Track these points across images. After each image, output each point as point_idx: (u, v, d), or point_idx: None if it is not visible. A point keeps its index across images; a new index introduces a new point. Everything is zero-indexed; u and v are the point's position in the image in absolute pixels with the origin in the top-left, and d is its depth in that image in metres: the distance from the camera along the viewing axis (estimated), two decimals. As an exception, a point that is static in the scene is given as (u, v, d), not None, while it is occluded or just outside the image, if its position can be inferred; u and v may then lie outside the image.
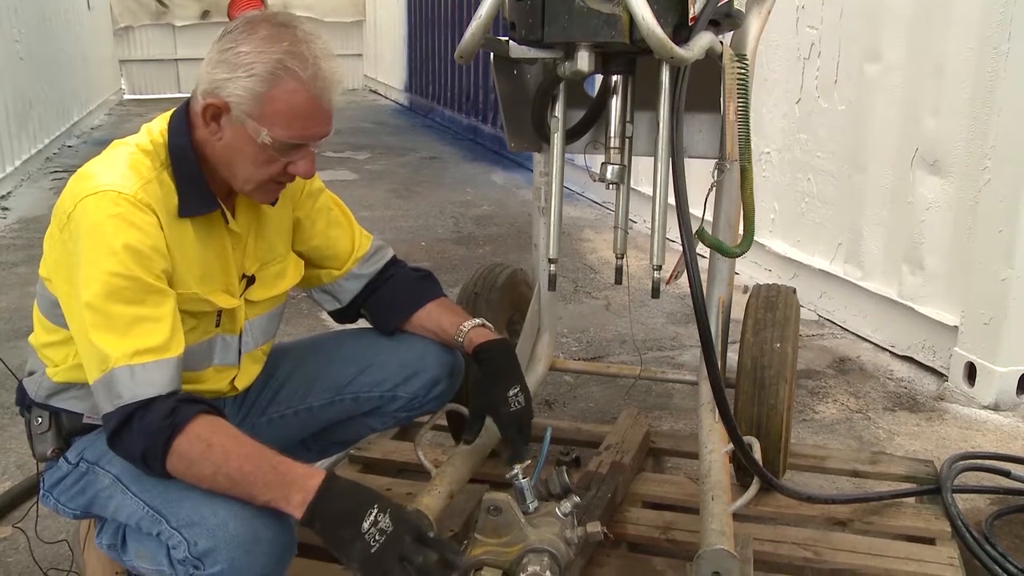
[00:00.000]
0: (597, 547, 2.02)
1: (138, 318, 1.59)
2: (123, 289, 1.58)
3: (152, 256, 1.63)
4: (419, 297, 2.11)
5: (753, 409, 2.25)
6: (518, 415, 1.95)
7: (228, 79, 1.64)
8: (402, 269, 2.16)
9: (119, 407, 1.56)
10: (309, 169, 1.74)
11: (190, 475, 1.57)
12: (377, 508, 1.54)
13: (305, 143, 1.70)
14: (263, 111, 1.64)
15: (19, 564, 2.29)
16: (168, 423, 1.55)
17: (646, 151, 2.16)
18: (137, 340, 1.58)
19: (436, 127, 11.09)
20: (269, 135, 1.65)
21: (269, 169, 1.71)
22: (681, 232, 1.77)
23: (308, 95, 1.65)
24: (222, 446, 1.56)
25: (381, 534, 1.52)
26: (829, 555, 2.10)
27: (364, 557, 1.52)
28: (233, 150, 1.69)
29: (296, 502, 1.54)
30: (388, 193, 7.25)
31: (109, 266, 1.58)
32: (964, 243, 3.43)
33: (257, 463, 1.56)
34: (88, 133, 10.24)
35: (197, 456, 1.55)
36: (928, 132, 3.57)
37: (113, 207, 1.60)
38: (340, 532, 1.53)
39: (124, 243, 1.59)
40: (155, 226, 1.64)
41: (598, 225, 6.14)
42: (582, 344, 3.99)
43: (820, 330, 4.17)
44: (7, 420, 3.13)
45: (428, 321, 2.09)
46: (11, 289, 4.68)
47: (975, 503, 2.57)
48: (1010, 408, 3.29)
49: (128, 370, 1.56)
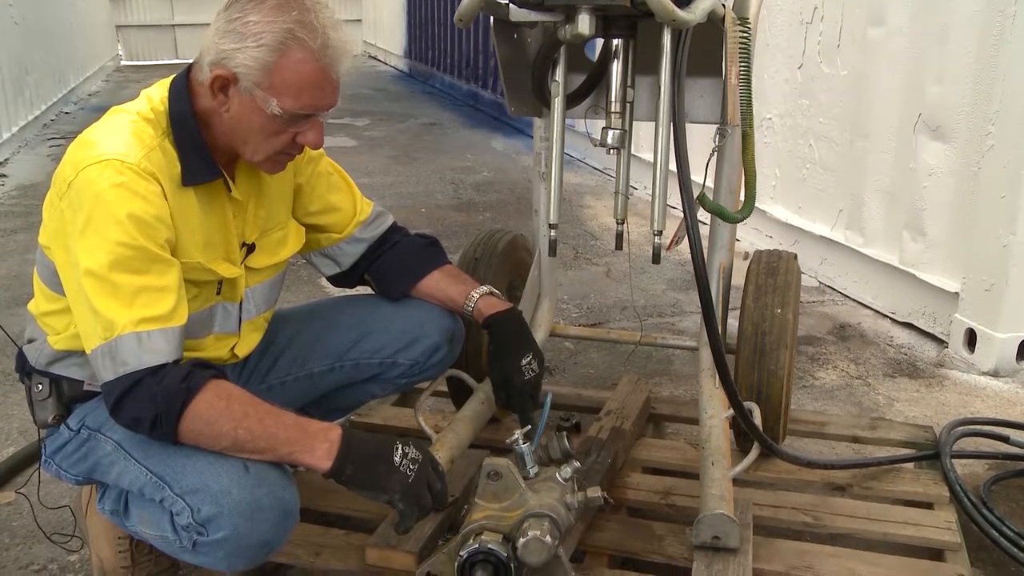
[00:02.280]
0: (597, 512, 2.03)
1: (143, 287, 1.59)
2: (128, 259, 1.58)
3: (156, 226, 1.62)
4: (426, 264, 2.11)
5: (753, 375, 2.25)
6: (531, 383, 2.01)
7: (236, 49, 1.62)
8: (407, 235, 2.16)
9: (124, 374, 1.56)
10: (318, 139, 1.73)
11: (208, 434, 1.58)
12: (400, 443, 1.67)
13: (314, 113, 1.69)
14: (272, 81, 1.62)
15: (23, 529, 2.31)
16: (185, 386, 1.56)
17: (647, 116, 2.15)
18: (142, 309, 1.58)
19: (436, 93, 11.03)
20: (278, 105, 1.63)
21: (278, 140, 1.70)
22: (682, 197, 1.76)
23: (317, 65, 1.63)
24: (240, 404, 1.60)
25: (413, 463, 1.66)
26: (828, 520, 2.11)
27: (404, 486, 1.64)
28: (241, 121, 1.68)
29: (321, 453, 1.60)
30: (388, 160, 7.22)
31: (114, 235, 1.57)
32: (966, 209, 3.42)
33: (276, 419, 1.62)
34: (85, 99, 10.18)
35: (216, 415, 1.57)
36: (931, 97, 3.54)
37: (117, 176, 1.59)
38: (376, 469, 1.63)
39: (129, 212, 1.58)
40: (159, 195, 1.63)
41: (599, 191, 6.12)
42: (582, 310, 3.99)
43: (821, 296, 4.17)
44: (8, 386, 3.14)
45: (435, 290, 2.10)
46: (10, 256, 4.67)
47: (973, 468, 2.59)
48: (1010, 374, 3.30)
49: (135, 337, 1.56)
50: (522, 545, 1.65)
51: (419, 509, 1.67)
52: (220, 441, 1.59)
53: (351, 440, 1.63)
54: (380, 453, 1.65)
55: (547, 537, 1.64)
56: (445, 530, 1.96)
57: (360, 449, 1.63)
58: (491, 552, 1.64)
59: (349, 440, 1.62)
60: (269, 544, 1.63)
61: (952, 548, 2.02)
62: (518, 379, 1.99)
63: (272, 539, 1.63)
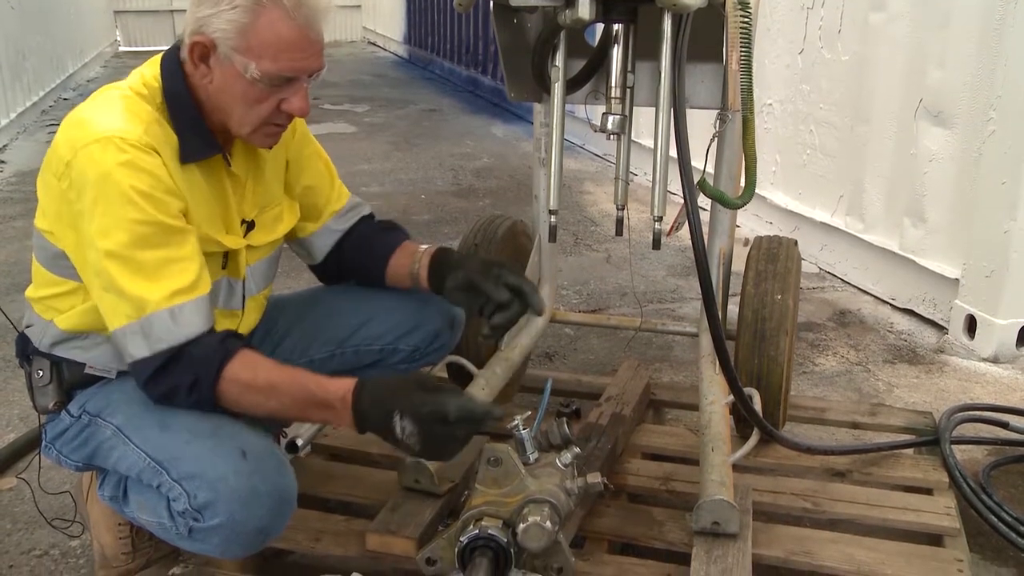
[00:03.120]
0: (597, 498, 2.03)
1: (166, 260, 1.60)
2: (148, 235, 1.58)
3: (168, 199, 1.61)
4: (384, 249, 2.06)
5: (753, 361, 2.25)
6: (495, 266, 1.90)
7: (212, 14, 1.60)
8: (366, 225, 2.10)
9: (160, 351, 1.58)
10: (303, 106, 1.70)
11: (239, 392, 1.62)
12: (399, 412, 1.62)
13: (296, 76, 1.66)
14: (249, 44, 1.60)
15: (25, 514, 2.31)
16: (223, 347, 1.61)
17: (647, 101, 2.14)
18: (169, 282, 1.59)
19: (435, 79, 10.99)
20: (257, 69, 1.61)
21: (261, 108, 1.67)
22: (682, 183, 1.75)
23: (293, 24, 1.61)
24: (266, 372, 1.64)
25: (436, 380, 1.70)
26: (828, 505, 2.11)
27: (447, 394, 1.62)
28: (224, 91, 1.66)
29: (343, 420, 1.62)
30: (387, 146, 7.20)
31: (130, 214, 1.56)
32: (967, 195, 3.41)
33: (305, 376, 1.66)
34: (84, 85, 10.15)
35: (250, 376, 1.62)
36: (933, 83, 3.53)
37: (120, 154, 1.57)
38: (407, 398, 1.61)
39: (139, 190, 1.57)
40: (163, 167, 1.62)
41: (599, 178, 6.11)
42: (582, 296, 3.99)
43: (821, 283, 4.16)
44: (9, 373, 3.14)
45: (396, 271, 2.05)
46: (9, 243, 4.67)
47: (973, 454, 2.59)
48: (1009, 360, 3.30)
49: (168, 313, 1.58)
50: (522, 531, 1.65)
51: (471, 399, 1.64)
52: (254, 409, 1.64)
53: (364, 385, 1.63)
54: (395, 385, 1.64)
55: (547, 523, 1.65)
56: (445, 516, 1.96)
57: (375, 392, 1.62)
58: (491, 538, 1.64)
59: (362, 385, 1.62)
60: (265, 531, 1.63)
61: (951, 534, 2.03)
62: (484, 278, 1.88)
63: (268, 526, 1.63)
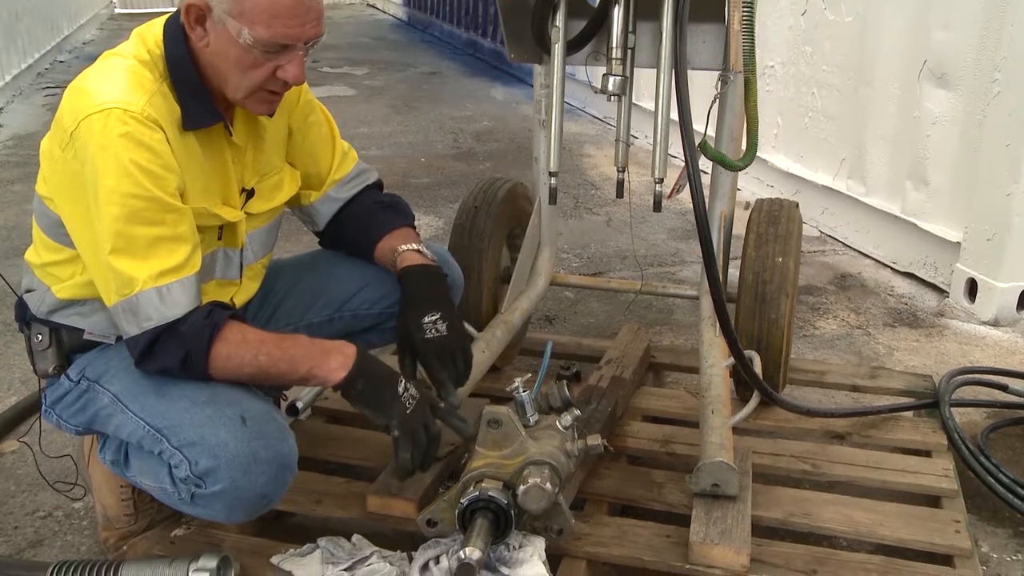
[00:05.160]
0: (597, 460, 2.04)
1: (158, 238, 1.59)
2: (142, 210, 1.56)
3: (166, 175, 1.60)
4: (377, 231, 2.03)
5: (754, 324, 2.25)
6: (436, 344, 1.85)
7: None
8: (366, 199, 2.07)
9: (148, 329, 1.59)
10: (298, 74, 1.67)
11: (232, 364, 1.63)
12: (404, 378, 1.75)
13: (290, 43, 1.62)
14: (242, 8, 1.57)
15: (28, 476, 2.32)
16: (209, 322, 1.61)
17: (648, 62, 2.11)
18: (159, 261, 1.58)
19: (435, 42, 10.90)
20: (250, 35, 1.58)
21: (256, 74, 1.64)
22: (683, 145, 1.74)
23: None
24: (257, 334, 1.67)
25: (412, 399, 1.73)
26: (827, 467, 2.12)
27: (402, 417, 1.71)
28: (219, 55, 1.64)
29: (336, 364, 1.67)
30: (387, 109, 7.16)
31: (126, 188, 1.55)
32: (970, 158, 3.39)
33: (292, 341, 1.69)
34: (80, 48, 10.07)
35: (237, 346, 1.63)
36: (937, 44, 3.49)
37: (121, 126, 1.56)
38: (382, 392, 1.71)
39: (138, 164, 1.56)
40: (164, 142, 1.61)
41: (599, 141, 6.07)
42: (583, 260, 3.98)
43: (822, 246, 4.15)
44: (9, 336, 3.14)
45: (381, 257, 2.03)
46: (7, 207, 4.65)
47: (972, 417, 2.60)
48: (1010, 324, 3.30)
49: (155, 293, 1.58)
50: (522, 492, 1.66)
51: (415, 445, 1.71)
52: (245, 369, 1.64)
53: (366, 358, 1.70)
54: (388, 379, 1.72)
55: (547, 484, 1.65)
56: (445, 478, 1.97)
57: (372, 368, 1.71)
58: (491, 499, 1.65)
59: (364, 357, 1.69)
60: (267, 497, 1.64)
61: (949, 495, 2.04)
62: (418, 336, 1.85)
63: (270, 492, 1.64)
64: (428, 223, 4.39)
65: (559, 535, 1.74)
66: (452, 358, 1.88)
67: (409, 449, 1.71)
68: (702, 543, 1.73)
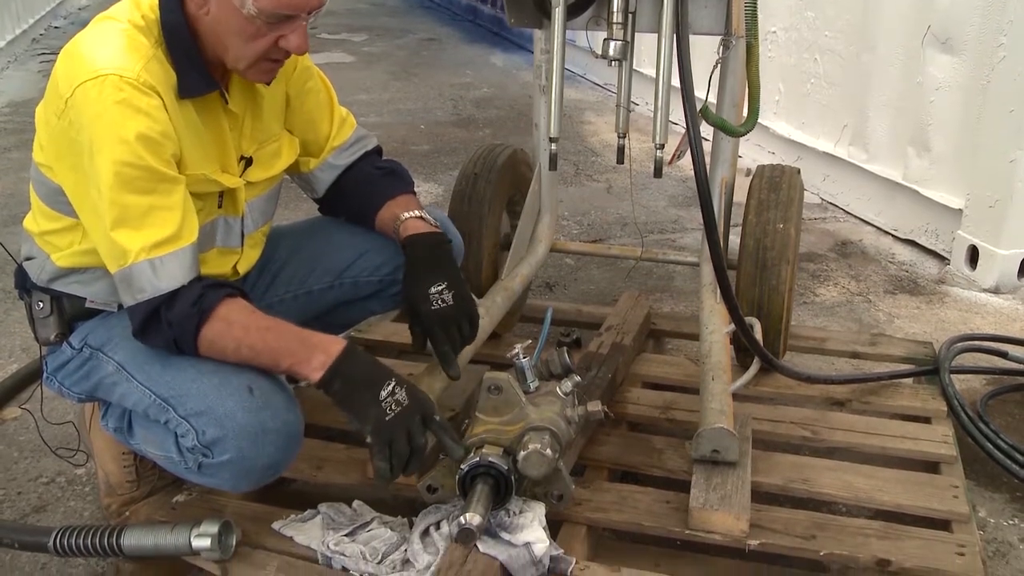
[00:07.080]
0: (597, 426, 2.04)
1: (151, 207, 1.57)
2: (135, 179, 1.55)
3: (162, 142, 1.58)
4: (377, 199, 2.01)
5: (754, 290, 2.24)
6: (440, 314, 1.85)
7: None
8: (366, 165, 2.05)
9: (143, 301, 1.58)
10: (301, 44, 1.65)
11: (215, 352, 1.62)
12: (395, 381, 1.64)
13: (294, 14, 1.60)
14: None
15: (30, 443, 2.33)
16: (196, 309, 1.59)
17: (650, 27, 2.09)
18: (152, 232, 1.57)
19: (434, 8, 10.81)
20: (254, 5, 1.56)
21: (258, 44, 1.62)
22: (685, 111, 1.72)
23: None
24: (242, 323, 1.62)
25: (397, 405, 1.62)
26: (827, 434, 2.13)
27: (378, 422, 1.61)
28: (220, 24, 1.61)
29: (316, 363, 1.61)
30: (386, 75, 7.11)
31: (119, 155, 1.53)
32: (973, 124, 3.37)
33: (279, 333, 1.64)
34: (75, 14, 9.97)
35: (221, 333, 1.60)
36: (941, 7, 3.46)
37: (117, 92, 1.54)
38: (359, 394, 1.62)
39: (134, 131, 1.54)
40: (161, 108, 1.59)
41: (599, 107, 6.04)
42: (583, 227, 3.98)
43: (823, 213, 4.14)
44: (10, 304, 3.14)
45: (382, 225, 2.01)
46: (5, 174, 4.63)
47: (971, 384, 2.60)
48: (1010, 291, 3.30)
49: (148, 265, 1.56)
50: (523, 458, 1.66)
51: (392, 453, 1.61)
52: (230, 359, 1.62)
53: (349, 357, 1.62)
54: (371, 380, 1.63)
55: (547, 450, 1.66)
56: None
57: (354, 369, 1.62)
58: (492, 465, 1.66)
59: (347, 356, 1.62)
60: (274, 467, 1.65)
61: (948, 461, 2.04)
62: (424, 307, 1.84)
63: (277, 462, 1.64)
64: (428, 190, 4.37)
65: (559, 501, 1.74)
66: (458, 327, 1.87)
67: (384, 457, 1.61)
68: (702, 509, 1.74)
